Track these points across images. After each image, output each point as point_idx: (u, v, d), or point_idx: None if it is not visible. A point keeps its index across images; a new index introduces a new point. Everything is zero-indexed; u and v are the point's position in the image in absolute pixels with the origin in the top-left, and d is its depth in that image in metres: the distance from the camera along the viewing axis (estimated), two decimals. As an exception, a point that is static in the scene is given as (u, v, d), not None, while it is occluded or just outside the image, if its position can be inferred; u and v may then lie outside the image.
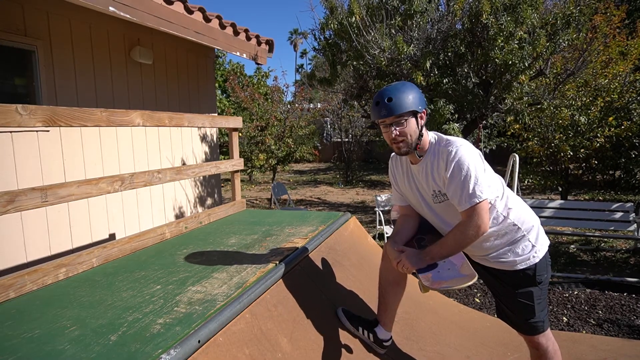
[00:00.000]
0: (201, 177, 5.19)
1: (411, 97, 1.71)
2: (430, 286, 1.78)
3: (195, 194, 5.10)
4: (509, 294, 1.88)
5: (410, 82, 1.89)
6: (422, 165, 1.81)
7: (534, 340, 1.89)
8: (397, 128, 1.72)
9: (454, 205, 1.73)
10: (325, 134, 19.16)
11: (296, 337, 1.83)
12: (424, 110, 1.76)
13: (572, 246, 5.60)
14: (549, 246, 1.89)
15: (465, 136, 5.71)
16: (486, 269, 1.92)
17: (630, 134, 6.45)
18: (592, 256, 5.27)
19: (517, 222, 1.79)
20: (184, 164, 4.80)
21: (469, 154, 1.67)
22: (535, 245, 1.80)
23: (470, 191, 1.64)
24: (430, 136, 1.81)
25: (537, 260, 1.80)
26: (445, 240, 1.75)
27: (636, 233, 5.11)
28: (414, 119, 1.73)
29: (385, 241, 5.63)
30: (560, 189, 7.41)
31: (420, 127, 1.75)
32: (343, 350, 1.99)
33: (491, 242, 1.82)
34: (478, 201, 1.64)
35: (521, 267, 1.80)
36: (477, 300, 4.00)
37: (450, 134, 5.19)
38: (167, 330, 1.46)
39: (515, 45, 4.72)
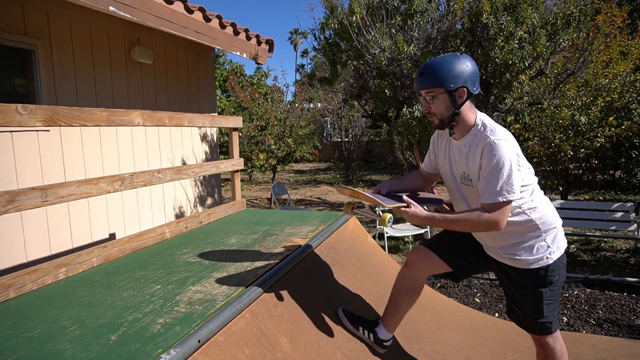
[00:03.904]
0: (201, 177, 5.19)
1: (446, 74, 1.68)
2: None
3: (195, 193, 5.10)
4: (519, 292, 1.87)
5: (411, 82, 1.88)
6: (461, 144, 1.78)
7: (541, 339, 1.88)
8: (425, 103, 1.76)
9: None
10: (325, 134, 19.16)
11: (296, 337, 1.83)
12: (462, 87, 1.69)
13: (572, 246, 5.59)
14: None
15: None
16: (499, 264, 1.91)
17: (631, 134, 6.44)
18: (592, 256, 5.27)
19: (538, 221, 1.77)
20: (184, 163, 4.80)
21: (508, 150, 1.62)
22: (550, 247, 1.78)
23: (498, 188, 1.61)
24: (478, 118, 1.77)
25: (551, 261, 1.77)
26: (460, 216, 1.71)
27: (636, 233, 5.10)
28: (446, 95, 1.70)
29: (386, 241, 5.65)
30: (560, 189, 7.41)
31: (455, 105, 1.71)
32: (343, 350, 1.99)
33: (508, 237, 1.81)
34: (502, 200, 1.61)
35: (534, 267, 1.78)
36: (477, 300, 4.00)
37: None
38: (167, 330, 1.46)
39: (516, 45, 4.71)
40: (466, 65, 1.71)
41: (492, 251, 1.91)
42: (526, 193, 1.74)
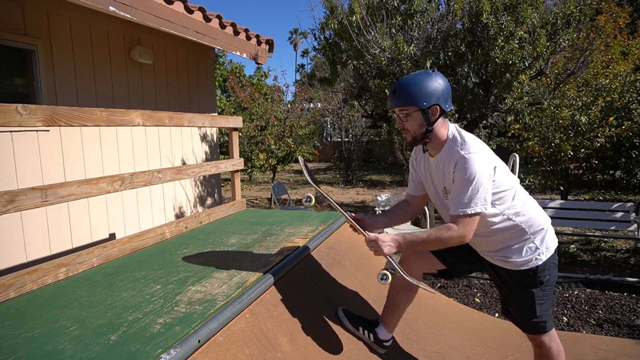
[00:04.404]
0: (201, 177, 5.19)
1: (418, 92, 1.71)
2: (405, 276, 1.81)
3: (195, 193, 5.10)
4: (511, 292, 1.90)
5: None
6: (437, 159, 1.82)
7: (537, 339, 1.89)
8: (399, 120, 1.79)
9: None
10: (325, 134, 19.16)
11: (296, 337, 1.83)
12: (435, 105, 1.72)
13: (572, 246, 5.59)
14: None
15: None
16: (492, 266, 1.93)
17: (631, 134, 6.45)
18: (592, 256, 5.27)
19: (524, 225, 1.78)
20: (184, 163, 4.80)
21: (479, 163, 1.65)
22: (539, 248, 1.80)
23: (465, 200, 1.65)
24: (450, 131, 1.79)
25: (540, 262, 1.79)
26: (428, 233, 1.76)
27: (636, 233, 5.11)
28: (419, 114, 1.73)
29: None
30: (560, 189, 7.41)
31: (428, 123, 1.74)
32: (343, 350, 1.99)
33: (496, 242, 1.83)
34: (469, 212, 1.65)
35: (523, 268, 1.81)
36: (477, 300, 4.00)
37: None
38: (167, 330, 1.46)
39: (516, 44, 4.71)
40: (438, 83, 1.74)
41: (484, 253, 1.94)
42: (507, 198, 1.76)
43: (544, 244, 1.81)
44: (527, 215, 1.79)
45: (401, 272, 1.80)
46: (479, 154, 1.68)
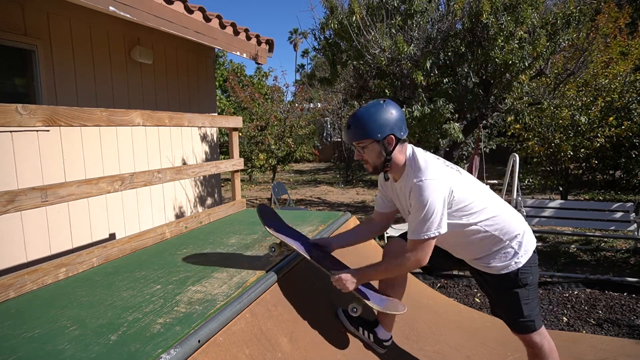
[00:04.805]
0: (201, 177, 5.19)
1: (372, 125, 1.74)
2: (373, 306, 1.89)
3: (195, 193, 5.10)
4: (497, 294, 1.95)
5: (411, 82, 1.91)
6: (400, 184, 1.87)
7: (527, 338, 1.93)
8: (357, 152, 1.84)
9: None
10: (325, 134, 19.15)
11: (296, 337, 1.83)
12: (390, 135, 1.76)
13: (572, 246, 5.59)
14: (549, 246, 1.92)
15: (465, 136, 5.71)
16: (476, 270, 1.97)
17: (631, 134, 6.45)
18: (592, 256, 5.27)
19: (499, 233, 1.82)
20: (184, 163, 4.80)
21: (430, 190, 1.68)
22: (518, 252, 1.84)
23: (419, 226, 1.70)
24: (408, 154, 1.83)
25: (520, 265, 1.84)
26: (385, 264, 1.86)
27: (636, 233, 5.11)
28: (375, 144, 1.77)
29: (386, 241, 5.65)
30: (560, 189, 7.41)
31: (386, 152, 1.78)
32: (343, 350, 1.99)
33: (474, 251, 1.88)
34: (423, 238, 1.69)
35: (504, 272, 1.85)
36: (477, 300, 4.00)
37: (450, 134, 5.19)
38: (167, 330, 1.46)
39: (516, 45, 4.72)
40: (390, 113, 1.77)
41: (468, 261, 1.97)
42: (475, 208, 1.79)
43: (522, 248, 1.85)
44: (501, 224, 1.82)
45: (369, 305, 1.90)
46: (432, 180, 1.70)
